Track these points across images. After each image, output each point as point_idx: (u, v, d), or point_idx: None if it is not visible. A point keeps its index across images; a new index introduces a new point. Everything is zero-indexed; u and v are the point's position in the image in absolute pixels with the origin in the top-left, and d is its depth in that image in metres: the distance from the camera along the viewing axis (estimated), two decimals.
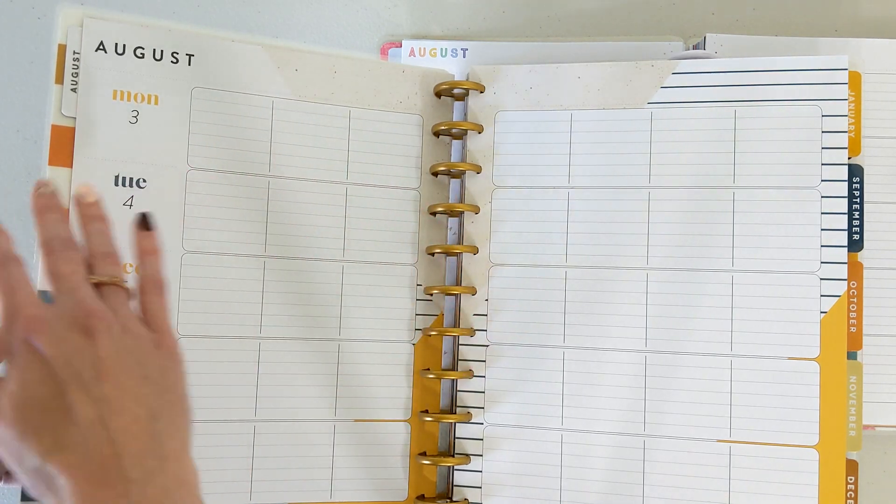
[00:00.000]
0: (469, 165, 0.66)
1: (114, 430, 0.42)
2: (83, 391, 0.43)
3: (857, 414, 0.62)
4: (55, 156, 0.57)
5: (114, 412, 0.43)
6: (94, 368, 0.43)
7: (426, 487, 0.65)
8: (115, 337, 0.45)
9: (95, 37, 0.58)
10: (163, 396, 0.45)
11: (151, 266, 0.51)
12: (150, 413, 0.44)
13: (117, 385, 0.44)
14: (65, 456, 0.41)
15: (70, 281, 0.47)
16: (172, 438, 0.44)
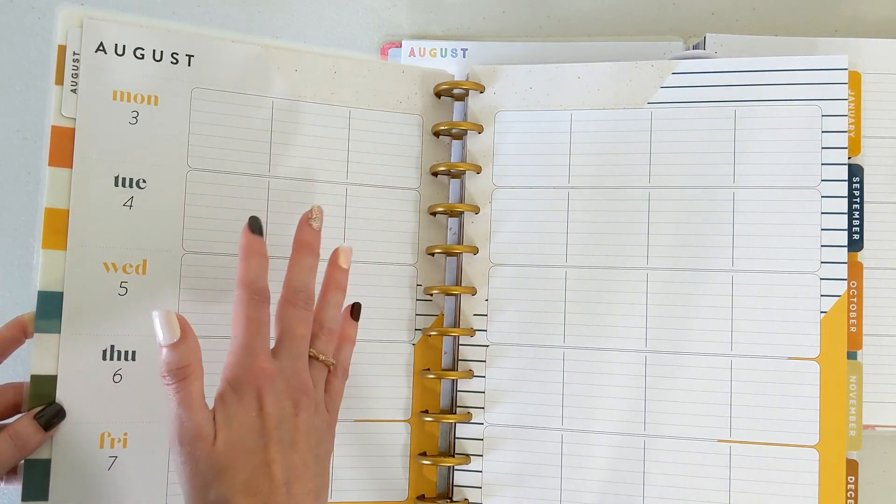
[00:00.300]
0: (469, 165, 0.66)
1: (293, 494, 0.50)
2: (281, 454, 0.50)
3: (857, 414, 0.62)
4: (55, 156, 0.57)
5: (298, 481, 0.50)
6: (292, 438, 0.51)
7: (426, 487, 0.65)
8: (311, 415, 0.53)
9: (95, 38, 0.58)
10: (324, 477, 0.53)
11: (345, 353, 0.58)
12: (317, 490, 0.52)
13: (303, 458, 0.51)
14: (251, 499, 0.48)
15: (298, 346, 0.54)
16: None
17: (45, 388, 0.56)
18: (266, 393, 0.51)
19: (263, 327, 0.53)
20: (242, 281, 0.54)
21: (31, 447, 0.55)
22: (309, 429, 0.52)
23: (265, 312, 0.53)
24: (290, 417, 0.51)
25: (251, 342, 0.52)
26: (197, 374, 0.51)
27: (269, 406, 0.51)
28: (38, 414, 0.55)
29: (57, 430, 0.56)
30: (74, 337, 0.57)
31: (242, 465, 0.49)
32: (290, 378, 0.52)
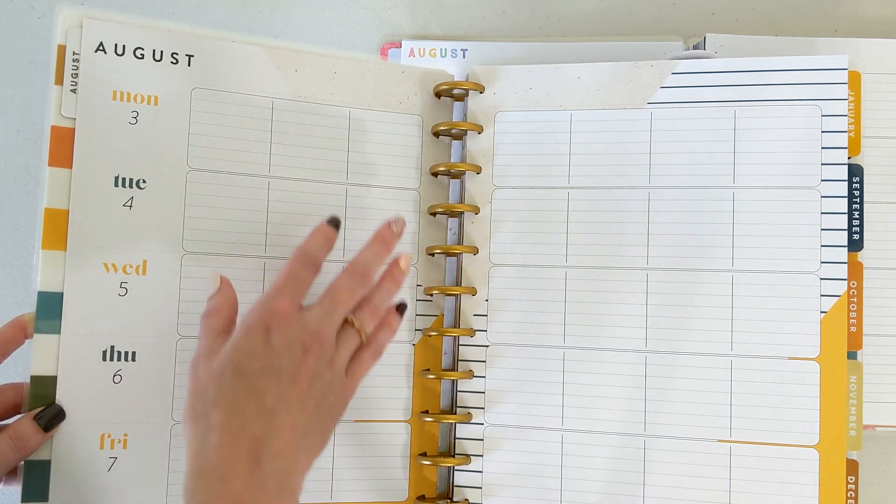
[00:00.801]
0: (469, 166, 0.66)
1: (276, 424, 0.50)
2: (276, 384, 0.51)
3: (857, 414, 0.62)
4: (55, 157, 0.57)
5: (286, 412, 0.51)
6: (293, 374, 0.52)
7: (426, 488, 0.65)
8: (320, 364, 0.54)
9: (95, 38, 0.58)
10: (319, 424, 0.53)
11: (385, 338, 0.60)
12: (305, 430, 0.52)
13: (299, 396, 0.52)
14: (229, 415, 0.49)
15: (335, 306, 0.56)
16: (305, 457, 0.52)
17: (45, 389, 0.56)
18: (276, 329, 0.52)
19: (298, 281, 0.55)
20: (299, 248, 0.57)
21: (30, 448, 0.55)
22: (315, 374, 0.53)
23: (306, 272, 0.56)
24: (296, 356, 0.52)
25: (280, 287, 0.54)
26: (223, 313, 0.55)
27: (276, 340, 0.52)
28: (38, 415, 0.55)
29: (57, 431, 0.56)
30: (74, 337, 0.56)
31: (235, 385, 0.50)
32: (308, 325, 0.54)
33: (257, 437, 0.49)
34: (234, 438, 0.49)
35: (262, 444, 0.49)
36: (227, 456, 0.48)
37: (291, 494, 0.51)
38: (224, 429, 0.49)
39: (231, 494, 0.48)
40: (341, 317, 0.56)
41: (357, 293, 0.57)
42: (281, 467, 0.50)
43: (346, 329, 0.56)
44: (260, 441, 0.49)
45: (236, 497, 0.48)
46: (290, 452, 0.51)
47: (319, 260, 0.56)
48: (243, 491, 0.48)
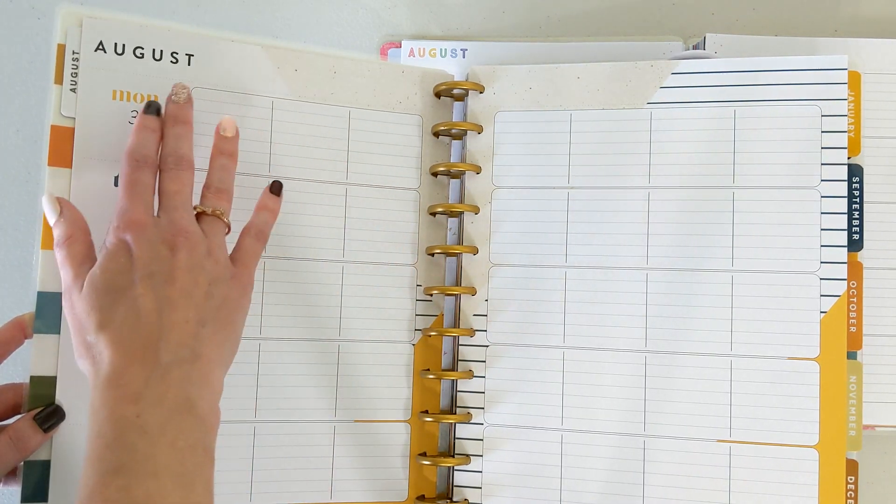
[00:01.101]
0: (469, 166, 0.66)
1: (164, 321, 0.49)
2: (151, 289, 0.50)
3: (857, 414, 0.62)
4: (54, 156, 0.57)
5: (171, 308, 0.50)
6: (167, 274, 0.51)
7: (426, 488, 0.65)
8: (196, 256, 0.52)
9: (95, 37, 0.58)
10: (217, 314, 0.52)
11: (262, 219, 0.59)
12: (200, 319, 0.51)
13: (182, 291, 0.51)
14: (114, 332, 0.49)
15: (173, 200, 0.54)
16: (210, 346, 0.51)
17: (44, 389, 0.56)
18: (136, 240, 0.51)
19: (139, 186, 0.53)
20: (126, 151, 0.55)
21: (30, 448, 0.54)
22: (192, 266, 0.52)
23: (144, 174, 0.54)
24: (165, 259, 0.51)
25: (125, 202, 0.53)
26: (78, 240, 0.54)
27: (139, 250, 0.51)
28: (38, 415, 0.55)
29: (56, 431, 0.55)
30: None
31: (110, 303, 0.50)
32: (165, 227, 0.53)
33: (147, 338, 0.49)
34: (125, 348, 0.48)
35: (154, 340, 0.49)
36: (120, 363, 0.48)
37: (201, 385, 0.50)
38: (114, 344, 0.49)
39: (129, 395, 0.47)
40: (189, 207, 0.55)
41: (181, 178, 0.55)
42: (184, 356, 0.49)
43: (202, 219, 0.55)
44: (151, 341, 0.49)
45: (135, 395, 0.47)
46: (191, 342, 0.50)
47: (151, 155, 0.55)
48: (144, 387, 0.47)
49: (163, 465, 0.46)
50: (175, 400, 0.48)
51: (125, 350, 0.48)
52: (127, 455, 0.45)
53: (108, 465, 0.45)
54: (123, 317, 0.49)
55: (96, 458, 0.46)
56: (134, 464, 0.45)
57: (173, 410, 0.48)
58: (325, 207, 0.63)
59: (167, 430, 0.47)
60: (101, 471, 0.45)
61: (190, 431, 0.48)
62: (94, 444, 0.46)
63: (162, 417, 0.47)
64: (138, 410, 0.46)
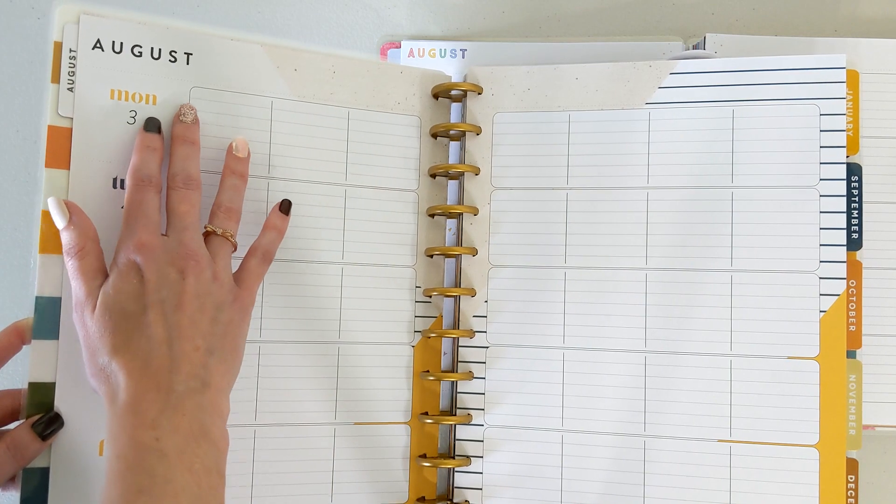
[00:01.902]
0: (467, 167, 0.65)
1: (175, 350, 0.51)
2: (162, 315, 0.52)
3: (856, 413, 0.62)
4: (52, 157, 0.56)
5: (181, 338, 0.51)
6: (177, 300, 0.52)
7: (427, 489, 0.65)
8: (203, 281, 0.54)
9: (92, 34, 0.57)
10: (223, 340, 0.54)
11: (268, 239, 0.59)
12: (208, 348, 0.53)
13: (190, 318, 0.52)
14: (129, 358, 0.50)
15: (183, 220, 0.55)
16: (218, 374, 0.53)
17: (43, 396, 0.55)
18: (146, 262, 0.52)
19: (146, 206, 0.54)
20: (129, 171, 0.56)
21: (28, 457, 0.54)
22: (199, 293, 0.53)
23: (149, 195, 0.55)
24: (174, 283, 0.53)
25: (132, 222, 0.54)
26: (89, 251, 0.54)
27: (149, 273, 0.52)
28: (36, 422, 0.54)
29: (55, 439, 0.55)
30: (73, 343, 0.55)
31: (121, 328, 0.51)
32: (174, 249, 0.54)
33: (160, 367, 0.50)
34: (139, 375, 0.50)
35: (166, 370, 0.50)
36: (136, 390, 0.49)
37: (211, 412, 0.52)
38: (128, 370, 0.50)
39: (147, 422, 0.48)
40: (197, 227, 0.56)
41: (189, 198, 0.56)
42: (194, 387, 0.51)
43: (210, 239, 0.56)
44: (164, 369, 0.50)
45: (153, 422, 0.49)
46: (200, 372, 0.52)
47: (155, 174, 0.56)
48: (160, 415, 0.49)
49: (181, 487, 0.48)
50: (190, 427, 0.50)
51: (139, 378, 0.50)
52: (147, 478, 0.47)
53: (130, 486, 0.47)
54: (137, 344, 0.51)
55: (118, 479, 0.48)
56: (154, 486, 0.47)
57: (189, 437, 0.49)
58: (324, 209, 0.63)
59: (184, 456, 0.49)
60: (124, 491, 0.47)
61: (205, 456, 0.50)
62: (116, 466, 0.48)
63: (179, 443, 0.49)
64: (157, 435, 0.48)
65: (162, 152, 0.57)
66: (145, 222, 0.54)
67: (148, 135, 0.57)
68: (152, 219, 0.54)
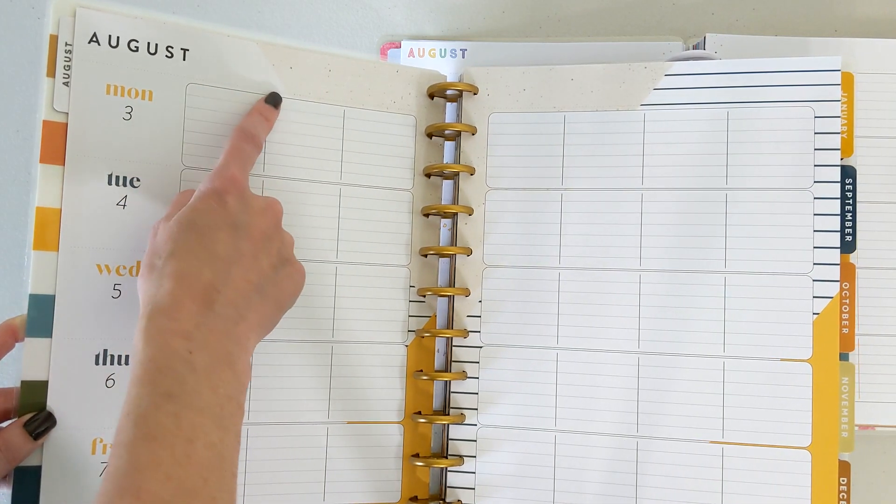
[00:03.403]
0: (463, 167, 0.65)
1: (231, 274, 0.51)
2: (232, 237, 0.52)
3: (849, 415, 0.62)
4: (47, 153, 0.55)
5: (238, 264, 0.52)
6: (248, 230, 0.53)
7: (419, 489, 0.65)
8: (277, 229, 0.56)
9: (88, 28, 0.56)
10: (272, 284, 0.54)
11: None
12: (258, 286, 0.53)
13: (254, 251, 0.53)
14: (183, 263, 0.50)
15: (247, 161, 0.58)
16: (256, 313, 0.52)
17: (36, 394, 0.54)
18: (230, 193, 0.53)
19: (244, 155, 0.57)
20: (239, 126, 0.58)
21: (20, 457, 0.53)
22: (271, 234, 0.55)
23: (252, 149, 0.58)
24: (252, 216, 0.54)
25: (229, 160, 0.55)
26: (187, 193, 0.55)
27: (232, 201, 0.53)
28: (29, 422, 0.53)
29: (47, 438, 0.54)
30: (66, 341, 0.55)
31: (190, 238, 0.51)
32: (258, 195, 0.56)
33: (209, 282, 0.50)
34: (186, 283, 0.49)
35: (214, 289, 0.50)
36: (178, 297, 0.49)
37: (239, 345, 0.51)
38: (177, 275, 0.50)
39: (181, 331, 0.48)
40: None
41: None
42: (230, 314, 0.50)
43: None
44: (212, 286, 0.50)
45: (187, 333, 0.48)
46: (242, 303, 0.51)
47: (260, 138, 0.59)
48: (195, 329, 0.48)
49: (206, 403, 0.47)
50: (221, 350, 0.49)
51: (186, 285, 0.49)
52: (178, 385, 0.46)
53: (160, 389, 0.46)
54: (197, 255, 0.51)
55: (148, 380, 0.46)
56: (183, 395, 0.46)
57: (217, 359, 0.49)
58: (318, 208, 0.63)
59: (212, 376, 0.48)
60: (154, 392, 0.46)
61: (228, 383, 0.49)
62: (147, 367, 0.47)
63: (208, 362, 0.48)
64: (190, 347, 0.48)
65: (272, 126, 0.61)
66: (241, 164, 0.56)
67: (266, 105, 0.60)
68: (246, 165, 0.57)
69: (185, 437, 0.45)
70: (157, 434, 0.44)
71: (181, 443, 0.44)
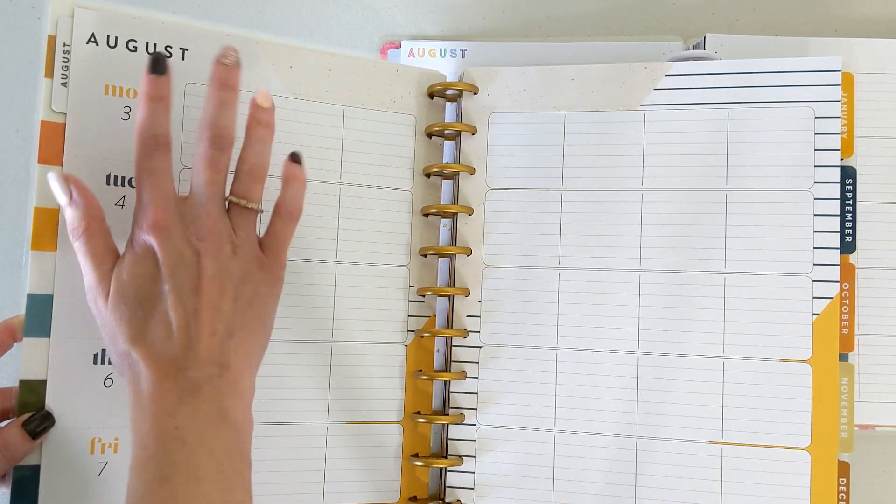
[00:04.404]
0: (462, 167, 0.65)
1: (192, 338, 0.49)
2: (179, 299, 0.49)
3: (848, 416, 0.62)
4: (45, 153, 0.55)
5: (198, 323, 0.49)
6: (194, 283, 0.50)
7: (418, 489, 0.65)
8: (222, 259, 0.51)
9: (86, 28, 0.56)
10: (245, 316, 0.52)
11: (292, 192, 0.56)
12: (228, 330, 0.51)
13: (208, 302, 0.50)
14: (147, 347, 0.49)
15: (207, 189, 0.52)
16: (238, 355, 0.51)
17: (34, 394, 0.54)
18: (160, 244, 0.50)
19: (156, 175, 0.51)
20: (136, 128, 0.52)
21: (19, 457, 0.53)
22: (218, 273, 0.51)
23: (159, 159, 0.51)
24: (190, 264, 0.50)
25: (144, 195, 0.51)
26: (96, 232, 0.51)
27: (164, 256, 0.50)
28: (27, 421, 0.53)
29: (46, 438, 0.54)
30: (65, 341, 0.55)
31: (137, 316, 0.49)
32: (190, 225, 0.51)
33: (177, 354, 0.49)
34: (158, 364, 0.48)
35: (182, 358, 0.49)
36: (155, 379, 0.48)
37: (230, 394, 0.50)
38: (148, 360, 0.49)
39: (167, 409, 0.48)
40: (220, 199, 0.53)
41: (218, 161, 0.52)
42: (210, 372, 0.49)
43: (233, 209, 0.53)
44: (179, 357, 0.49)
45: (171, 410, 0.48)
46: (217, 356, 0.50)
47: (164, 133, 0.52)
48: (178, 403, 0.48)
49: (203, 472, 0.47)
50: (209, 412, 0.49)
51: (158, 366, 0.49)
52: (170, 465, 0.47)
53: (153, 475, 0.46)
54: (154, 332, 0.49)
55: (141, 467, 0.47)
56: (176, 474, 0.46)
57: (208, 422, 0.48)
58: (318, 207, 0.63)
59: (205, 440, 0.48)
60: (147, 479, 0.47)
61: (226, 440, 0.49)
62: (139, 455, 0.48)
63: (198, 429, 0.48)
64: (176, 423, 0.47)
65: (170, 100, 0.52)
66: (157, 196, 0.51)
67: (154, 78, 0.52)
68: (164, 190, 0.51)
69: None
70: None
71: None
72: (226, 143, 0.53)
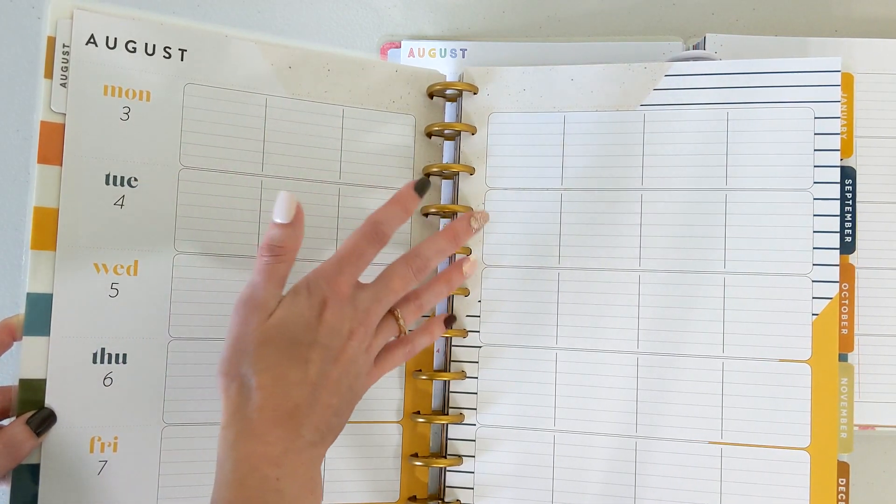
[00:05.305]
0: (462, 167, 0.65)
1: (317, 397, 0.52)
2: (322, 358, 0.52)
3: (848, 416, 0.62)
4: (44, 153, 0.55)
5: (325, 388, 0.52)
6: (337, 353, 0.53)
7: (418, 489, 0.65)
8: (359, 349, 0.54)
9: (86, 29, 0.57)
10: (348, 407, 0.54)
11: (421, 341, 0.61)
12: (337, 409, 0.53)
13: (338, 376, 0.53)
14: (274, 383, 0.51)
15: (386, 294, 0.56)
16: (332, 434, 0.53)
17: (34, 393, 0.54)
18: (332, 305, 0.53)
19: (362, 260, 0.55)
20: (372, 217, 0.56)
21: (23, 453, 0.53)
22: (354, 357, 0.54)
23: (373, 249, 0.55)
24: (342, 337, 0.53)
25: (344, 262, 0.54)
26: (288, 259, 0.54)
27: (329, 316, 0.53)
28: (31, 419, 0.53)
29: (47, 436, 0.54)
30: (64, 340, 0.55)
31: (283, 349, 0.51)
32: (359, 308, 0.54)
33: (299, 405, 0.51)
34: (276, 402, 0.50)
35: (302, 413, 0.51)
36: (269, 418, 0.50)
37: (317, 468, 0.52)
38: (267, 392, 0.50)
39: (272, 455, 0.49)
40: (389, 305, 0.57)
41: (410, 285, 0.57)
42: (314, 439, 0.51)
43: (387, 319, 0.57)
44: (301, 410, 0.51)
45: (277, 459, 0.49)
46: (324, 427, 0.52)
47: (389, 233, 0.56)
48: (283, 454, 0.49)
49: None
50: (304, 476, 0.50)
51: (276, 405, 0.50)
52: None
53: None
54: (288, 372, 0.51)
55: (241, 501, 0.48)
56: None
57: (303, 485, 0.50)
58: (318, 207, 0.63)
59: (297, 502, 0.49)
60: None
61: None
62: (237, 492, 0.48)
63: (295, 489, 0.49)
64: (279, 475, 0.49)
65: (410, 216, 0.58)
66: (354, 271, 0.55)
67: (412, 194, 0.58)
68: (359, 270, 0.55)
69: None
70: None
71: None
72: (423, 275, 0.58)
